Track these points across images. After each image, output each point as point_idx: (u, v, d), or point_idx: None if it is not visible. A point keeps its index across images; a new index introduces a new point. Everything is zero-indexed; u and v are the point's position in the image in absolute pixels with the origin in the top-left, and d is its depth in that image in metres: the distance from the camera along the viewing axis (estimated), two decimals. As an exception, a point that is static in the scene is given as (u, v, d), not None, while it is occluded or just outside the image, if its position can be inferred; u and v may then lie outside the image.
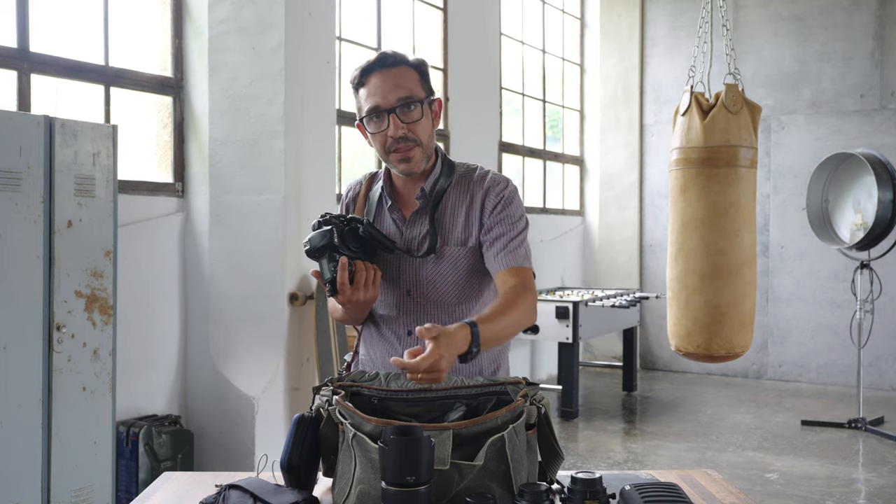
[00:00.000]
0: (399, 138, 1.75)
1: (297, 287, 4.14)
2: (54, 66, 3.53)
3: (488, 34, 6.33)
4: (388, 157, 1.79)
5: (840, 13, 6.95)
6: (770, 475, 4.46)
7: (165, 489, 1.60)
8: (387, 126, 1.75)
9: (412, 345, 1.79)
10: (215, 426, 4.02)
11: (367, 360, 1.91)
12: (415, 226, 1.83)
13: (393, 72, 1.76)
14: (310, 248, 1.70)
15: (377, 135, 1.77)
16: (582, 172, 8.18)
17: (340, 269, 1.65)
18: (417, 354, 1.43)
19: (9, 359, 2.67)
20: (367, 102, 1.76)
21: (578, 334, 5.67)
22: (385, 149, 1.78)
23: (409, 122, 1.75)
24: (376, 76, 1.76)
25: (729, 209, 3.01)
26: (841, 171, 5.66)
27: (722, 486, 1.63)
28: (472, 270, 1.82)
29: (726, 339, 3.03)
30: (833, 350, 6.90)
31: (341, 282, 1.65)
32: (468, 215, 1.82)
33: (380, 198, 1.89)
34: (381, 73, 1.76)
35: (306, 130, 4.23)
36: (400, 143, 1.75)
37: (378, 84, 1.75)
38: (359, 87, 1.79)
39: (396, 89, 1.74)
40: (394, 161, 1.79)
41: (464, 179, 1.85)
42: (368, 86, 1.77)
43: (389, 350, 1.84)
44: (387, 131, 1.75)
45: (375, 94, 1.75)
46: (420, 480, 1.24)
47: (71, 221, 2.87)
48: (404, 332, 1.82)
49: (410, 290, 1.81)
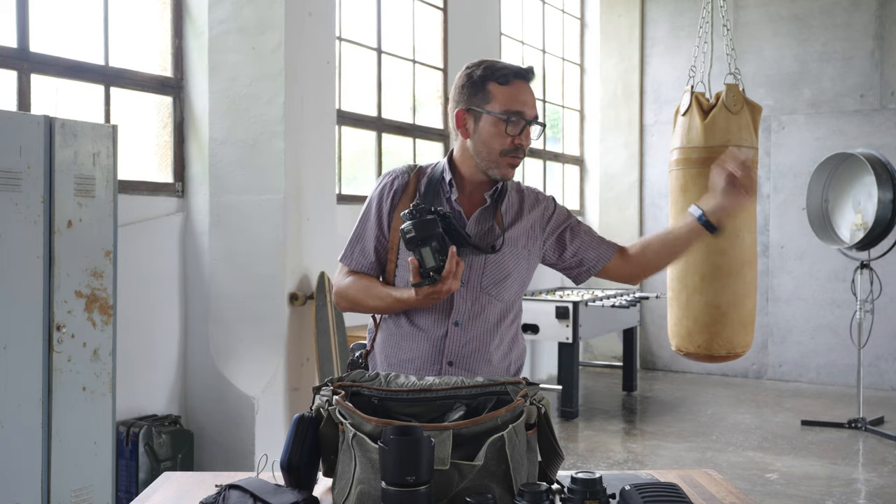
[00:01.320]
0: (520, 147, 1.85)
1: (297, 287, 4.14)
2: (54, 66, 3.53)
3: (488, 34, 6.33)
4: (499, 158, 1.87)
5: (840, 13, 6.95)
6: (770, 475, 4.46)
7: (165, 489, 1.60)
8: (519, 133, 1.84)
9: (459, 336, 1.87)
10: (215, 426, 4.02)
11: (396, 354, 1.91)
12: (479, 222, 1.92)
13: (532, 88, 1.89)
14: (414, 236, 1.70)
15: (505, 137, 1.85)
16: (582, 172, 8.18)
17: (451, 258, 1.70)
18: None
19: (9, 359, 2.67)
20: (513, 104, 1.84)
21: (578, 334, 5.67)
22: (501, 151, 1.86)
23: (535, 137, 1.88)
24: (523, 84, 1.87)
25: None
26: (841, 171, 5.66)
27: (722, 486, 1.63)
28: (522, 270, 1.94)
29: (727, 339, 3.03)
30: (833, 350, 6.90)
31: (449, 270, 1.70)
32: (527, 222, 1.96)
33: (439, 188, 1.93)
34: (528, 85, 1.88)
35: (306, 130, 4.23)
36: (519, 152, 1.86)
37: (525, 92, 1.86)
38: (502, 84, 1.85)
39: (535, 106, 1.88)
40: (503, 164, 1.87)
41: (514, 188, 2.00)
42: (515, 88, 1.85)
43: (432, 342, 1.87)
44: (518, 138, 1.84)
45: (522, 101, 1.85)
46: (420, 480, 1.24)
47: (71, 221, 2.87)
48: (451, 324, 1.87)
49: (465, 281, 1.87)
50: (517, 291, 1.96)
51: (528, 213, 1.97)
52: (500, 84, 1.84)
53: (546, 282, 7.04)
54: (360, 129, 5.14)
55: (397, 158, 5.52)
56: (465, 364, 1.88)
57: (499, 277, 1.90)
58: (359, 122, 5.08)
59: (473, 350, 1.88)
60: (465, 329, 1.87)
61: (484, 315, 1.89)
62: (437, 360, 1.87)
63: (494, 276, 1.89)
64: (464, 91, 1.88)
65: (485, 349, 1.89)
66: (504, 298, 1.92)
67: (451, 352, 1.87)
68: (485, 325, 1.89)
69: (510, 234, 1.93)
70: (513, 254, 1.92)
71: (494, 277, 1.89)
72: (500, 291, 1.91)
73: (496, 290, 1.90)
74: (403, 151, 5.63)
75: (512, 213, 1.96)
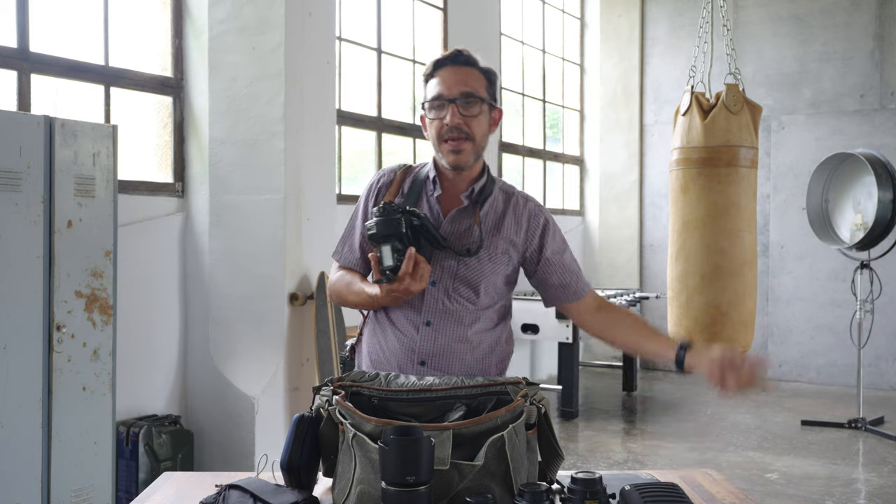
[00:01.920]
0: (454, 127, 1.83)
1: (297, 287, 4.14)
2: (54, 66, 3.53)
3: (488, 34, 6.33)
4: (440, 145, 1.87)
5: (840, 13, 6.95)
6: (770, 475, 4.46)
7: (165, 489, 1.60)
8: (445, 114, 1.83)
9: (430, 335, 1.85)
10: (215, 426, 4.01)
11: (377, 350, 1.91)
12: (455, 222, 1.89)
13: (463, 70, 1.87)
14: (375, 233, 1.72)
15: (434, 121, 1.86)
16: (582, 172, 8.18)
17: (408, 259, 1.69)
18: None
19: (9, 359, 2.67)
20: (432, 91, 1.86)
21: (578, 334, 5.67)
22: (439, 136, 1.86)
23: (467, 114, 1.84)
24: (447, 70, 1.87)
25: (729, 209, 3.01)
26: (841, 171, 5.66)
27: (722, 486, 1.63)
28: (497, 274, 1.89)
29: (727, 338, 3.03)
30: (833, 350, 6.90)
31: (405, 271, 1.69)
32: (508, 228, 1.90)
33: (423, 187, 1.93)
34: (452, 68, 1.87)
35: (306, 130, 4.23)
36: (454, 132, 1.83)
37: (447, 76, 1.86)
38: (429, 77, 1.89)
39: (461, 84, 1.85)
40: (444, 151, 1.86)
41: (504, 193, 1.96)
42: (437, 77, 1.87)
43: (404, 341, 1.87)
44: (444, 119, 1.83)
45: (441, 85, 1.85)
46: (420, 480, 1.24)
47: (71, 221, 2.87)
48: (423, 323, 1.85)
49: (436, 281, 1.85)
50: (495, 297, 1.90)
51: (513, 221, 1.91)
52: (429, 78, 1.89)
53: (546, 282, 7.03)
54: (360, 129, 5.14)
55: (397, 158, 5.52)
56: (436, 364, 1.85)
57: (471, 281, 1.85)
58: (359, 122, 5.08)
59: (445, 351, 1.85)
60: (437, 329, 1.85)
61: (456, 317, 1.85)
62: (410, 358, 1.85)
63: (467, 279, 1.85)
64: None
65: (457, 351, 1.85)
66: (478, 303, 1.87)
67: (423, 351, 1.85)
68: (457, 328, 1.85)
69: (489, 238, 1.88)
70: (490, 258, 1.86)
71: (466, 281, 1.85)
72: (473, 295, 1.86)
73: (467, 292, 1.85)
74: (403, 151, 5.63)
75: (494, 217, 1.91)
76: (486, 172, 1.94)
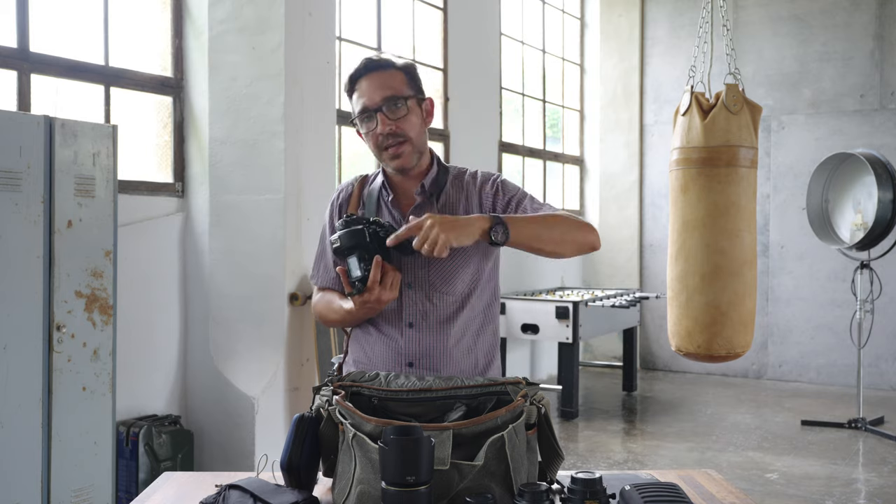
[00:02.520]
0: (388, 135, 1.83)
1: (297, 287, 4.14)
2: (54, 66, 3.53)
3: (488, 34, 6.33)
4: (381, 154, 1.87)
5: (840, 13, 6.95)
6: (770, 475, 4.46)
7: (165, 489, 1.60)
8: (376, 125, 1.83)
9: (414, 337, 1.85)
10: (215, 426, 4.01)
11: (364, 359, 1.91)
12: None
13: (379, 74, 1.86)
14: (339, 246, 1.73)
15: (370, 134, 1.86)
16: (582, 172, 8.18)
17: (375, 267, 1.69)
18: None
19: (9, 359, 2.67)
20: (357, 106, 1.86)
21: (578, 334, 5.67)
22: (378, 147, 1.86)
23: (395, 118, 1.83)
24: (364, 80, 1.86)
25: (729, 209, 3.00)
26: (841, 171, 5.66)
27: (722, 486, 1.63)
28: (473, 263, 1.88)
29: (727, 339, 3.02)
30: (833, 350, 6.90)
31: (374, 280, 1.69)
32: (467, 211, 1.89)
33: (379, 194, 1.93)
34: (368, 76, 1.86)
35: (306, 130, 4.23)
36: (390, 139, 1.83)
37: (365, 87, 1.85)
38: (351, 93, 1.89)
39: (382, 89, 1.84)
40: (386, 159, 1.87)
41: (456, 180, 1.94)
42: (357, 91, 1.87)
43: (390, 345, 1.86)
44: (376, 130, 1.83)
45: (363, 97, 1.85)
46: (420, 480, 1.24)
47: (71, 221, 2.87)
48: (405, 325, 1.85)
49: (412, 282, 1.85)
50: (471, 281, 1.88)
51: (470, 203, 1.89)
52: (353, 93, 1.87)
53: (546, 282, 7.04)
54: (360, 129, 5.13)
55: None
56: (424, 363, 1.85)
57: (445, 274, 1.85)
58: (359, 122, 5.07)
59: (430, 348, 1.85)
60: (420, 329, 1.85)
61: (436, 312, 1.85)
62: (398, 361, 1.85)
63: (441, 273, 1.85)
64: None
65: (442, 346, 1.85)
66: (455, 292, 1.86)
67: (409, 353, 1.85)
68: (438, 322, 1.85)
69: None
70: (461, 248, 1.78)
71: (441, 275, 1.85)
72: (450, 287, 1.86)
73: (445, 286, 1.85)
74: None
75: (453, 207, 1.90)
76: (434, 164, 1.93)
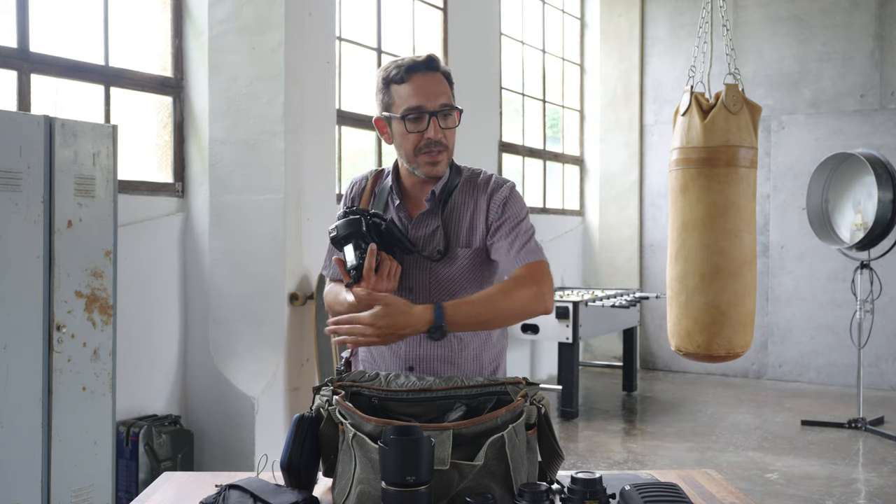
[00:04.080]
0: (435, 142, 1.77)
1: (297, 287, 4.14)
2: (54, 66, 3.53)
3: (488, 34, 6.33)
4: (416, 157, 1.80)
5: (840, 13, 6.95)
6: (770, 475, 4.46)
7: (165, 489, 1.60)
8: (426, 127, 1.77)
9: (414, 340, 1.83)
10: (215, 426, 4.02)
11: (368, 357, 1.91)
12: (421, 226, 1.85)
13: (436, 76, 1.80)
14: (336, 235, 1.73)
15: (412, 135, 1.78)
16: (582, 172, 8.18)
17: (369, 255, 1.67)
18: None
19: (9, 359, 2.67)
20: (410, 101, 1.77)
21: (578, 334, 5.67)
22: (416, 149, 1.79)
23: (446, 127, 1.79)
24: (422, 77, 1.78)
25: (729, 209, 3.00)
26: (841, 171, 5.66)
27: (722, 486, 1.63)
28: (475, 271, 1.85)
29: (726, 339, 3.03)
30: (833, 350, 6.90)
31: (369, 267, 1.67)
32: (473, 218, 1.84)
33: (388, 195, 1.90)
34: (427, 75, 1.78)
35: (306, 130, 4.23)
36: (433, 146, 1.78)
37: (423, 85, 1.77)
38: (399, 83, 1.78)
39: (440, 95, 1.78)
40: (421, 163, 1.80)
41: (468, 183, 1.88)
42: (411, 84, 1.77)
43: (393, 348, 1.85)
44: (425, 132, 1.77)
45: (420, 95, 1.77)
46: (420, 480, 1.24)
47: (71, 221, 2.87)
48: None
49: (413, 287, 1.83)
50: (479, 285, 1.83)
51: (477, 206, 1.84)
52: (398, 84, 1.78)
53: (546, 282, 7.02)
54: (360, 129, 5.14)
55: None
56: (425, 368, 1.83)
57: (447, 283, 1.81)
58: (359, 122, 5.07)
59: (431, 355, 1.83)
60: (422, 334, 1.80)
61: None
62: (398, 364, 1.84)
63: (442, 282, 1.81)
64: (377, 98, 1.84)
65: (445, 353, 1.83)
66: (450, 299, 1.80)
67: (410, 357, 1.83)
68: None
69: (458, 236, 1.83)
70: (464, 255, 1.82)
71: (442, 284, 1.81)
72: (447, 294, 1.81)
73: (441, 293, 1.81)
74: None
75: (459, 213, 1.84)
76: (450, 170, 1.87)
